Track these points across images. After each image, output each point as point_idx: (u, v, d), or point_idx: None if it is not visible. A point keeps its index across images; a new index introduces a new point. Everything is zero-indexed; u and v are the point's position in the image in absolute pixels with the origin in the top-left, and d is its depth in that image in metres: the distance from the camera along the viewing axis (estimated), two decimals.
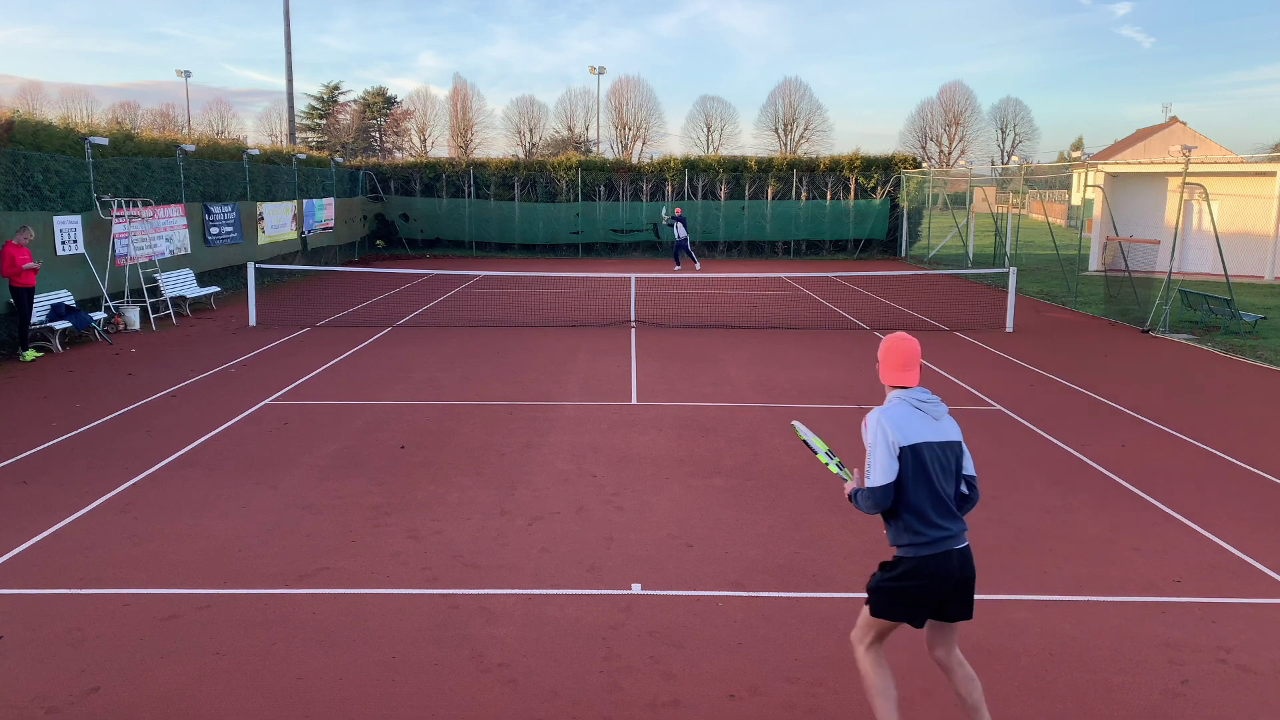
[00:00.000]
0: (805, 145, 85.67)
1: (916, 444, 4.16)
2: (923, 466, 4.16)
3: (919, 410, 4.24)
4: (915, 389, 4.30)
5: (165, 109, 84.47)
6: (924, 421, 4.23)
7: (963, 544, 4.23)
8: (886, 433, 4.18)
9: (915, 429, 4.20)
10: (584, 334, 17.13)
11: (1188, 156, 18.81)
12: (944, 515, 4.17)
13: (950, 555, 4.18)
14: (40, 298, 14.86)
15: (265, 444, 9.76)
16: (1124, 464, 9.29)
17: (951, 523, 4.19)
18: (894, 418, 4.21)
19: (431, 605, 6.09)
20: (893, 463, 4.15)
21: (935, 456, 4.19)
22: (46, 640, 5.59)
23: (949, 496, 4.20)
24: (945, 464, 4.21)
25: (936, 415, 4.25)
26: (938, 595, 4.22)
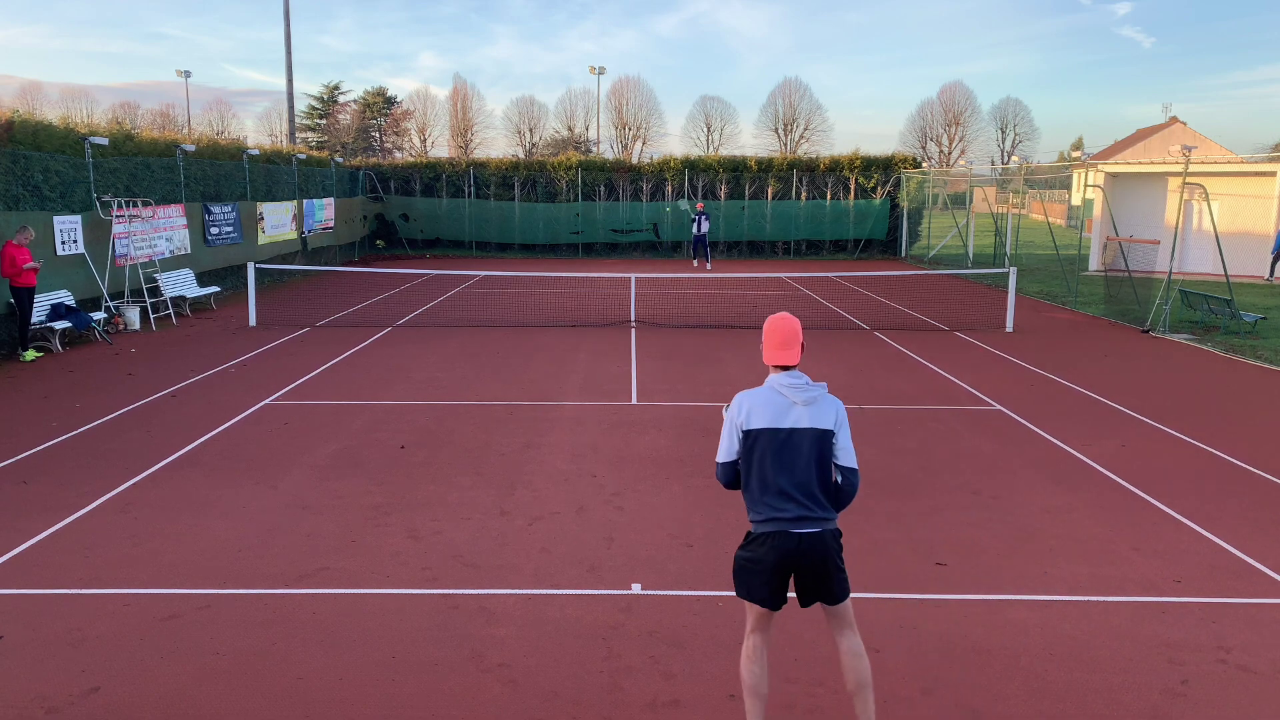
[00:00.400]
0: (805, 145, 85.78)
1: (759, 429, 4.29)
2: (762, 451, 4.28)
3: (780, 395, 4.32)
4: (792, 372, 4.37)
5: (165, 109, 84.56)
6: (780, 407, 4.30)
7: (809, 529, 4.25)
8: (736, 414, 4.37)
9: (764, 414, 4.30)
10: (584, 334, 17.13)
11: (1188, 156, 18.81)
12: (782, 499, 4.25)
13: (788, 535, 4.24)
14: (40, 298, 14.86)
15: (265, 444, 9.76)
16: (1124, 464, 9.29)
17: (791, 506, 4.24)
18: (749, 401, 4.37)
19: (431, 605, 6.09)
20: (733, 444, 4.36)
21: (778, 443, 4.26)
22: (46, 640, 5.58)
23: (793, 483, 4.25)
24: (791, 450, 4.26)
25: (803, 400, 4.29)
26: (779, 574, 4.29)
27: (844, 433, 4.35)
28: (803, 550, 4.24)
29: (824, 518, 4.29)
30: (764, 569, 4.29)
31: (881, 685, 5.16)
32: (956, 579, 6.55)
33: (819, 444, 4.28)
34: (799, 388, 4.32)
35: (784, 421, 4.28)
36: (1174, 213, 26.10)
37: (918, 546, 7.12)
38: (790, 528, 4.24)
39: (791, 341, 4.40)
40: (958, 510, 7.91)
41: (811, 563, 4.27)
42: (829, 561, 4.29)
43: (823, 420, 4.30)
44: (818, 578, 4.32)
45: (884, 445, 9.88)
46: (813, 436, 4.27)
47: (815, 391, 4.33)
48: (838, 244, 36.19)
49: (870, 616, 5.96)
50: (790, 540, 4.24)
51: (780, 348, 4.39)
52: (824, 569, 4.30)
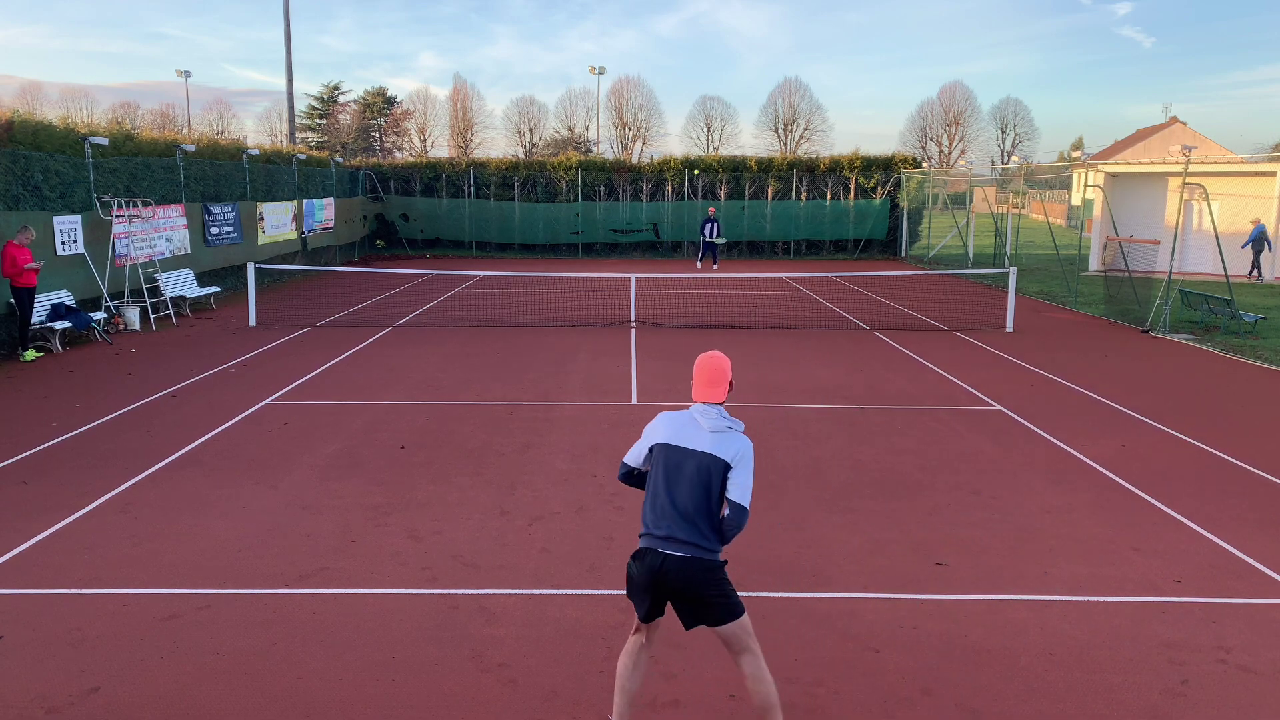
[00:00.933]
0: (805, 145, 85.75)
1: (662, 443, 4.40)
2: (658, 465, 4.39)
3: (694, 419, 4.40)
4: (713, 405, 4.42)
5: (165, 109, 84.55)
6: (687, 428, 4.39)
7: (676, 551, 4.25)
8: (650, 427, 4.52)
9: (671, 431, 4.41)
10: (584, 334, 17.13)
11: (1188, 156, 18.81)
12: (663, 517, 4.30)
13: (655, 555, 4.28)
14: (40, 298, 14.86)
15: (265, 444, 9.76)
16: (1124, 464, 9.29)
17: (665, 524, 4.28)
18: (665, 418, 4.50)
19: (431, 605, 6.09)
20: (641, 452, 4.51)
21: (673, 461, 4.34)
22: (46, 640, 5.58)
23: (674, 503, 4.28)
24: (684, 472, 4.30)
25: (711, 428, 4.34)
26: (649, 589, 4.34)
27: (743, 471, 4.32)
28: (667, 571, 4.25)
29: (696, 544, 4.26)
30: (637, 583, 4.37)
31: (881, 685, 5.17)
32: (956, 579, 6.55)
33: (709, 471, 4.28)
34: (710, 415, 4.38)
35: (684, 441, 4.35)
36: (1174, 213, 26.10)
37: (918, 546, 7.12)
38: (660, 546, 4.27)
39: (718, 380, 4.46)
40: (958, 510, 7.91)
41: (676, 587, 4.27)
42: (695, 590, 4.27)
43: (723, 450, 4.31)
44: (686, 602, 4.33)
45: (884, 445, 9.88)
46: (705, 462, 4.29)
47: (724, 423, 4.37)
48: (838, 244, 36.19)
49: (870, 616, 5.97)
50: (656, 559, 4.27)
51: (707, 385, 4.46)
52: (690, 594, 4.29)
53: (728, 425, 4.37)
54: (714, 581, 4.30)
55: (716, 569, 4.32)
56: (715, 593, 4.30)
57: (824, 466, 9.12)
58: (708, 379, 4.46)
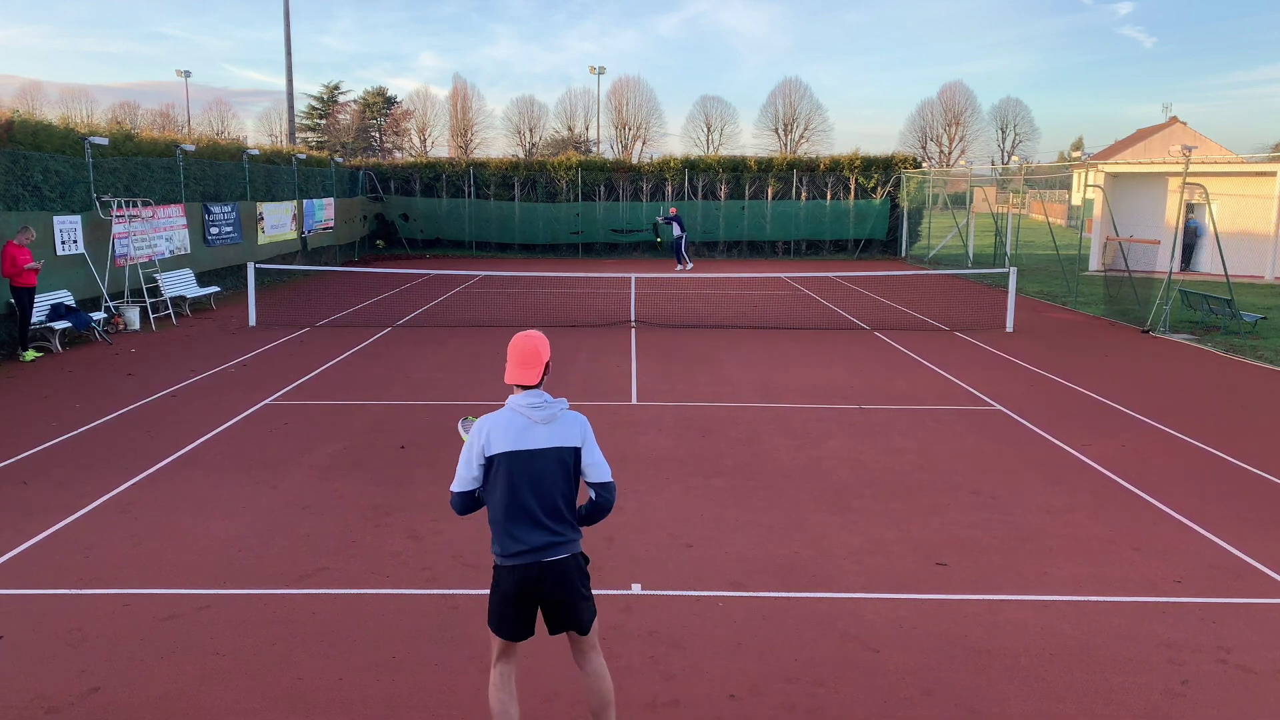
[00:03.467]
0: (805, 145, 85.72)
1: (504, 452, 4.07)
2: (508, 476, 4.07)
3: (519, 415, 4.12)
4: (531, 391, 4.16)
5: (165, 109, 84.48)
6: (523, 428, 4.10)
7: (555, 555, 4.10)
8: (477, 439, 4.13)
9: (507, 437, 4.09)
10: (584, 334, 17.13)
11: (1188, 156, 18.81)
12: (529, 527, 4.07)
13: (532, 568, 4.08)
14: (40, 298, 14.86)
15: (265, 444, 9.76)
16: (1124, 464, 9.29)
17: (538, 534, 4.07)
18: (489, 424, 4.14)
19: (431, 605, 6.09)
20: (472, 471, 4.14)
21: (524, 467, 4.07)
22: (46, 640, 5.58)
23: (540, 507, 4.07)
24: (539, 473, 4.07)
25: (544, 419, 4.11)
26: (524, 609, 4.15)
27: (591, 448, 4.18)
28: (545, 578, 4.09)
29: (569, 540, 4.14)
30: (508, 601, 4.14)
31: (881, 685, 5.17)
32: (956, 579, 6.55)
33: (564, 463, 4.11)
34: (537, 406, 4.13)
35: (526, 443, 4.08)
36: (1174, 213, 26.10)
37: (918, 546, 7.12)
38: (539, 558, 4.08)
39: (532, 360, 4.18)
40: (958, 510, 7.91)
41: (555, 592, 4.11)
42: (573, 591, 4.14)
43: (566, 438, 4.13)
44: (563, 608, 4.17)
45: (884, 445, 9.89)
46: (557, 456, 4.10)
47: (554, 409, 4.15)
48: (838, 244, 36.19)
49: (870, 616, 5.97)
50: (533, 572, 4.09)
51: (519, 365, 4.18)
52: (569, 598, 4.15)
53: (556, 410, 4.15)
54: (585, 575, 4.22)
55: (585, 562, 4.24)
56: (586, 586, 4.21)
57: (824, 466, 9.12)
58: (520, 359, 4.18)
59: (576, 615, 4.21)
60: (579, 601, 4.19)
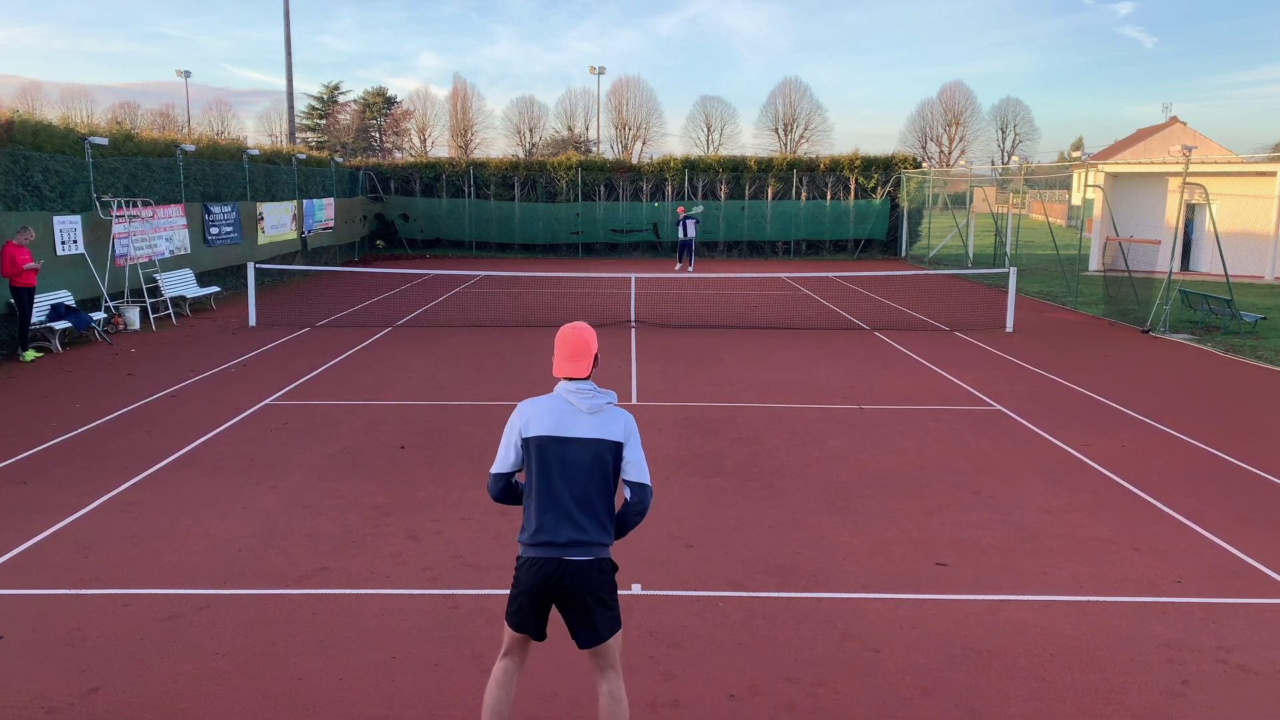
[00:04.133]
0: (805, 145, 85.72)
1: (540, 436, 3.97)
2: (543, 461, 3.96)
3: (564, 402, 4.02)
4: (580, 381, 4.06)
5: (165, 109, 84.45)
6: (564, 414, 4.00)
7: (580, 556, 3.93)
8: (518, 422, 4.05)
9: (546, 422, 3.99)
10: None
11: (1188, 156, 18.81)
12: (557, 518, 3.93)
13: (550, 563, 3.93)
14: (40, 298, 14.86)
15: (265, 444, 9.76)
16: (1124, 464, 9.29)
17: (565, 528, 3.92)
18: (531, 408, 4.06)
19: (431, 605, 6.09)
20: (510, 453, 4.05)
21: (559, 453, 3.94)
22: (46, 640, 5.58)
23: (572, 499, 3.93)
24: (574, 463, 3.93)
25: (589, 408, 3.99)
26: (538, 601, 3.99)
27: (634, 446, 4.04)
28: (564, 577, 3.92)
29: (598, 543, 3.96)
30: (525, 594, 3.99)
31: (881, 685, 5.17)
32: (956, 579, 6.55)
33: (603, 457, 3.96)
34: (584, 393, 4.01)
35: (566, 430, 3.96)
36: (1174, 213, 26.10)
37: (918, 546, 7.12)
38: (562, 554, 3.92)
39: (581, 352, 4.07)
40: (958, 510, 7.91)
41: (573, 593, 3.94)
42: (593, 595, 3.96)
43: (609, 431, 3.98)
44: (580, 611, 3.98)
45: (884, 445, 9.88)
46: (596, 448, 3.95)
47: (601, 400, 4.03)
48: (838, 244, 36.19)
49: (870, 616, 5.97)
50: (551, 568, 3.92)
51: (569, 359, 4.07)
52: (586, 602, 3.96)
53: (606, 401, 4.04)
54: (610, 584, 4.03)
55: (613, 570, 4.05)
56: (611, 596, 4.02)
57: (824, 466, 9.12)
58: (569, 352, 4.06)
59: (592, 621, 4.00)
60: (596, 607, 3.98)
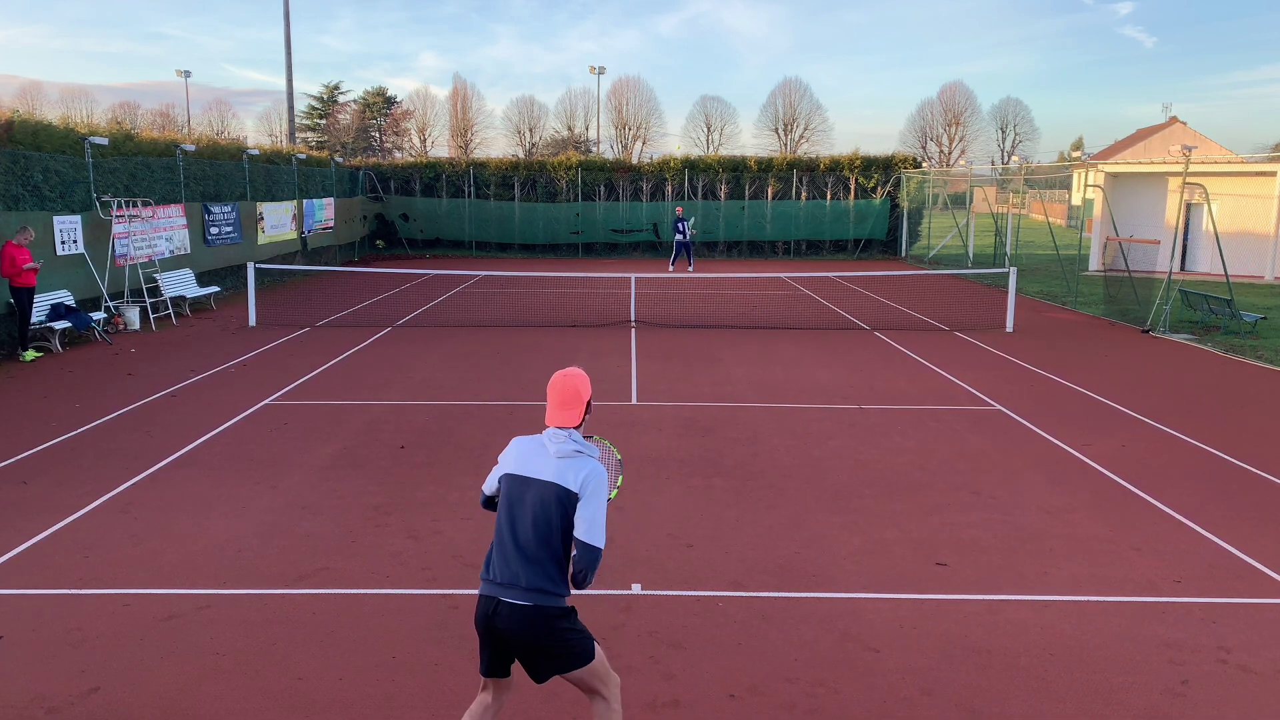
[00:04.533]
0: (805, 145, 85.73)
1: (508, 474, 3.98)
2: (503, 499, 3.96)
3: (542, 445, 3.97)
4: (566, 429, 3.98)
5: (165, 109, 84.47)
6: (534, 456, 3.94)
7: (516, 600, 3.79)
8: (504, 455, 4.08)
9: (517, 459, 3.98)
10: (584, 334, 17.13)
11: (1188, 157, 18.81)
12: (507, 560, 3.86)
13: (489, 601, 3.85)
14: (40, 298, 14.85)
15: (265, 444, 9.76)
16: (1124, 464, 9.29)
17: (506, 568, 3.84)
18: (516, 445, 4.07)
19: (431, 605, 6.09)
20: (493, 481, 4.10)
21: (516, 493, 3.91)
22: (46, 640, 5.58)
23: (520, 543, 3.84)
24: (529, 506, 3.86)
25: (556, 453, 3.89)
26: (489, 644, 3.92)
27: (593, 505, 3.85)
28: (499, 619, 3.81)
29: (540, 589, 3.80)
30: (478, 630, 3.94)
31: (881, 685, 5.17)
32: (956, 579, 6.55)
33: (556, 503, 3.83)
34: (560, 439, 3.92)
35: (528, 470, 3.91)
36: (1174, 213, 26.10)
37: (918, 546, 7.12)
38: (499, 594, 3.83)
39: (571, 401, 4.01)
40: (958, 510, 7.91)
41: (513, 639, 3.82)
42: (534, 640, 3.81)
43: (569, 479, 3.83)
44: (527, 655, 3.86)
45: (884, 445, 9.88)
46: (549, 492, 3.84)
47: (573, 448, 3.90)
48: (838, 244, 36.19)
49: (870, 616, 5.97)
50: (489, 606, 3.85)
51: (559, 407, 4.01)
52: (530, 647, 3.83)
53: (576, 449, 3.90)
54: (556, 631, 3.84)
55: (558, 618, 3.84)
56: (558, 642, 3.84)
57: (824, 466, 9.12)
58: (559, 400, 4.00)
59: (548, 664, 3.88)
60: (548, 651, 3.85)
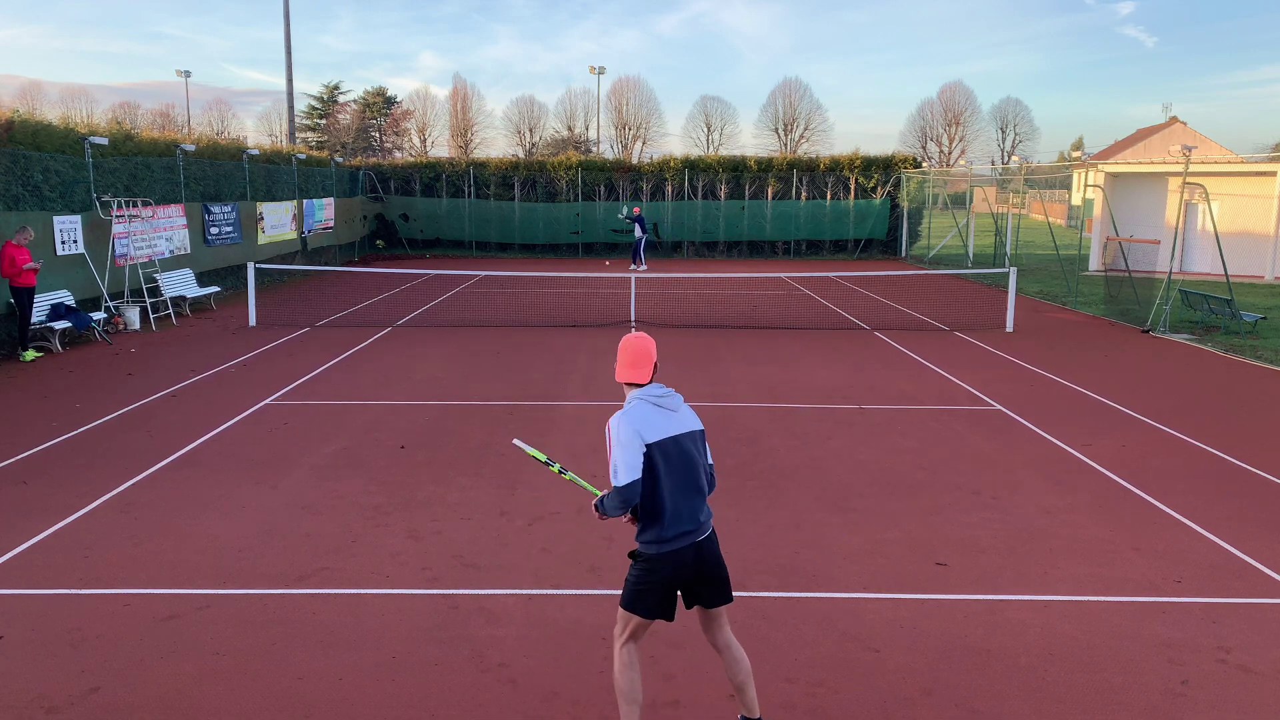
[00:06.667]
0: (805, 145, 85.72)
1: (662, 439, 4.28)
2: (669, 461, 4.29)
3: (658, 407, 4.36)
4: (654, 385, 4.43)
5: (165, 109, 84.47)
6: (664, 417, 4.35)
7: (705, 534, 4.37)
8: (630, 432, 4.26)
9: (657, 425, 4.31)
10: (584, 334, 17.13)
11: (1188, 156, 18.81)
12: (689, 508, 4.31)
13: (688, 549, 4.32)
14: (40, 298, 14.86)
15: (265, 444, 9.76)
16: (1124, 464, 9.29)
17: (696, 516, 4.33)
18: (637, 417, 4.31)
19: (431, 605, 6.09)
20: (638, 460, 4.23)
21: (680, 450, 4.32)
22: (46, 640, 5.58)
23: (696, 487, 4.35)
24: (690, 455, 4.35)
25: (674, 408, 4.39)
26: (676, 588, 4.38)
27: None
28: (698, 557, 4.35)
29: (709, 516, 4.44)
30: (664, 592, 4.35)
31: (881, 685, 5.17)
32: (956, 579, 6.55)
33: (701, 445, 4.44)
34: (670, 395, 4.41)
35: (677, 429, 4.35)
36: (1174, 213, 26.10)
37: (918, 546, 7.12)
38: (694, 537, 4.33)
39: (644, 360, 4.44)
40: (958, 510, 7.91)
41: (705, 567, 4.38)
42: (720, 561, 4.45)
43: (697, 422, 4.48)
44: (713, 581, 4.43)
45: (884, 445, 9.88)
46: (698, 436, 4.44)
47: (678, 398, 4.45)
48: (838, 244, 36.19)
49: (870, 616, 5.97)
50: (688, 553, 4.32)
51: (632, 365, 4.43)
52: (717, 572, 4.43)
53: (679, 400, 4.46)
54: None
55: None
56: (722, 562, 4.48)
57: (824, 466, 9.12)
58: (631, 359, 4.43)
59: (722, 588, 4.46)
60: (722, 570, 4.45)
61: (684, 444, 4.34)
